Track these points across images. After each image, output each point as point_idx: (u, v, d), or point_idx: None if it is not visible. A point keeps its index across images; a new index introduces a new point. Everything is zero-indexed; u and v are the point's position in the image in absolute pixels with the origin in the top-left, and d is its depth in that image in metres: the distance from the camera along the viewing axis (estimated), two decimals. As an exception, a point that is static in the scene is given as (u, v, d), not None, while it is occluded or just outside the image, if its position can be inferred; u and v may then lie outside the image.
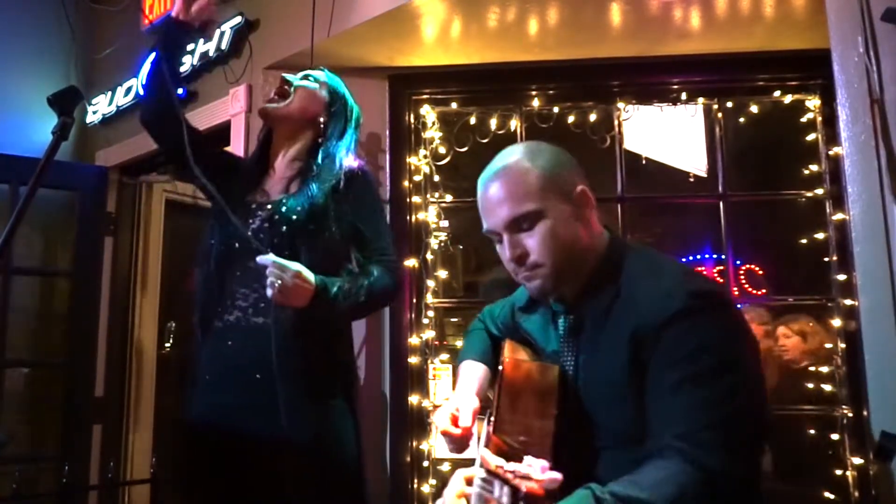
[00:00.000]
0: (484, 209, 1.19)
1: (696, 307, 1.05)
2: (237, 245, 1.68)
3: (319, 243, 1.66)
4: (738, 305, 1.18)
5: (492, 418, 1.14)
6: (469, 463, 1.04)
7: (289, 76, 1.86)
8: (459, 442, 1.23)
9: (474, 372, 1.37)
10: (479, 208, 1.21)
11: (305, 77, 1.86)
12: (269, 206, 1.71)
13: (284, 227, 1.65)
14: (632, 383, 1.07)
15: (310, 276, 1.54)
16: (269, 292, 1.49)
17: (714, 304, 1.08)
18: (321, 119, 1.80)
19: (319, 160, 1.75)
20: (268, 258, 1.51)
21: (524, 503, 0.85)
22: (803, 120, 2.43)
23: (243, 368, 1.62)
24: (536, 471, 0.89)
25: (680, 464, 0.96)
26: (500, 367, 1.22)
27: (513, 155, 1.19)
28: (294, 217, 1.65)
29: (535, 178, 1.14)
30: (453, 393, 1.36)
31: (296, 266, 1.52)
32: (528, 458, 0.91)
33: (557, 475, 0.91)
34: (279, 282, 1.48)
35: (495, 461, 0.91)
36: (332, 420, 1.65)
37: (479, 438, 1.26)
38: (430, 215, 2.55)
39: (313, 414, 1.60)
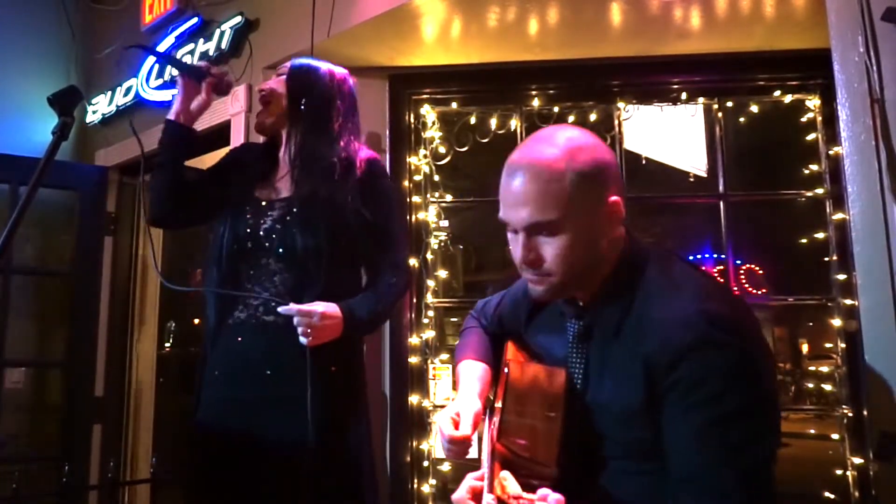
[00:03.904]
0: (504, 198, 1.08)
1: (715, 341, 0.96)
2: (249, 244, 1.69)
3: (332, 240, 1.65)
4: (758, 326, 1.08)
5: (496, 421, 1.13)
6: (471, 464, 1.03)
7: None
8: (459, 447, 1.18)
9: (475, 372, 1.32)
10: (500, 191, 1.09)
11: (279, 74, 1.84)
12: (280, 204, 1.71)
13: (298, 226, 1.65)
14: (646, 411, 1.02)
15: (335, 310, 1.57)
16: (304, 340, 1.52)
17: (735, 333, 0.98)
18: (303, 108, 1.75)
19: (322, 152, 1.72)
20: (290, 308, 1.53)
21: None
22: (803, 120, 2.43)
23: (254, 364, 1.63)
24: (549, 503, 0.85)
25: None
26: (506, 370, 1.19)
27: (550, 148, 1.05)
28: (307, 214, 1.66)
29: (567, 185, 1.02)
30: (455, 396, 1.32)
31: (319, 306, 1.55)
32: (541, 491, 0.85)
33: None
34: (309, 329, 1.51)
35: (513, 488, 0.86)
36: (352, 417, 1.66)
37: (480, 440, 1.24)
38: (430, 215, 2.55)
39: (339, 410, 1.62)
